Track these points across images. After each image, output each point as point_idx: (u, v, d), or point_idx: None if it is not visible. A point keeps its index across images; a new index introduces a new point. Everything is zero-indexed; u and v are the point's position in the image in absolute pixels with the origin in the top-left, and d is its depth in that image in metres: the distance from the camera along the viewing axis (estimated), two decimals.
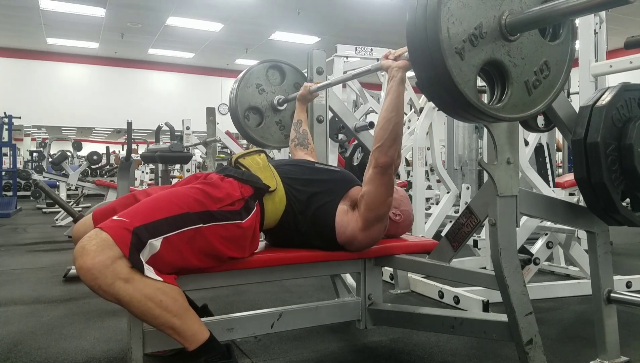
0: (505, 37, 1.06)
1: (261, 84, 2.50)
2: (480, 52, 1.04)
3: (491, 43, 1.05)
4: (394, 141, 1.45)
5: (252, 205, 1.45)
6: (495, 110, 1.08)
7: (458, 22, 1.00)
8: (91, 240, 1.18)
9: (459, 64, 1.00)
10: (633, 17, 9.41)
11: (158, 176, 8.35)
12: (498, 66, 1.08)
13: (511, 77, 1.08)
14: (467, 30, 1.02)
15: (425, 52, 1.01)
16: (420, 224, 3.06)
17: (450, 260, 1.55)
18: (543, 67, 1.13)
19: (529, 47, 1.10)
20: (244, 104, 2.47)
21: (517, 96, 1.10)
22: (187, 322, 1.26)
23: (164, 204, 1.31)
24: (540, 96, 1.14)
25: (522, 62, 1.10)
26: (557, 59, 1.15)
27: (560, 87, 1.16)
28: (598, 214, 1.51)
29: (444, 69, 0.98)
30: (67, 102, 13.03)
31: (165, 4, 9.26)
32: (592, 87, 2.13)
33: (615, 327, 1.57)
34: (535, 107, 1.13)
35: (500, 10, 1.05)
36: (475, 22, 1.03)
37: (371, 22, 10.02)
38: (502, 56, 1.07)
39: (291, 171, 1.62)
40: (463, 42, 1.01)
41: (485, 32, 1.04)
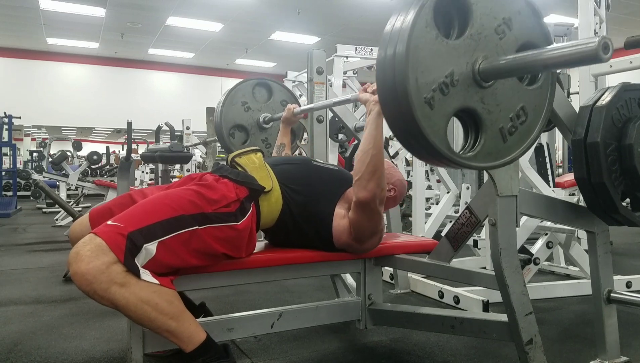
0: (479, 84, 1.00)
1: (247, 102, 2.48)
2: (452, 100, 0.98)
3: (463, 90, 0.99)
4: (372, 174, 1.41)
5: (248, 206, 1.45)
6: (467, 159, 1.02)
7: (427, 70, 0.94)
8: (85, 245, 1.17)
9: (429, 114, 0.95)
10: (633, 17, 9.41)
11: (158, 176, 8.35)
12: (471, 113, 1.02)
13: (485, 124, 1.03)
14: (438, 79, 0.96)
15: (394, 101, 0.95)
16: (420, 224, 3.06)
17: (450, 260, 1.55)
18: (520, 113, 1.07)
19: (505, 93, 1.04)
20: (229, 122, 2.46)
21: (491, 143, 1.04)
22: (183, 324, 1.26)
23: (158, 207, 1.30)
24: (516, 143, 1.08)
25: (496, 109, 1.03)
26: (536, 103, 1.09)
27: (538, 133, 1.11)
28: (598, 214, 1.51)
29: (413, 119, 0.93)
30: (67, 102, 13.02)
31: (165, 4, 9.26)
32: (592, 87, 2.13)
33: (615, 327, 1.57)
34: (510, 154, 1.08)
35: (474, 57, 0.99)
36: (447, 70, 0.96)
37: (371, 22, 10.02)
38: (475, 104, 1.01)
39: (288, 170, 1.61)
40: (433, 91, 0.95)
41: (457, 79, 0.97)
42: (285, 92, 2.56)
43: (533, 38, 1.06)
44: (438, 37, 0.96)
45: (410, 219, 3.33)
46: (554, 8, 9.02)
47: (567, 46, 0.84)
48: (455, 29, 1.00)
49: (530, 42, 1.06)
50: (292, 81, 5.80)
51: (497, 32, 1.02)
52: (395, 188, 1.74)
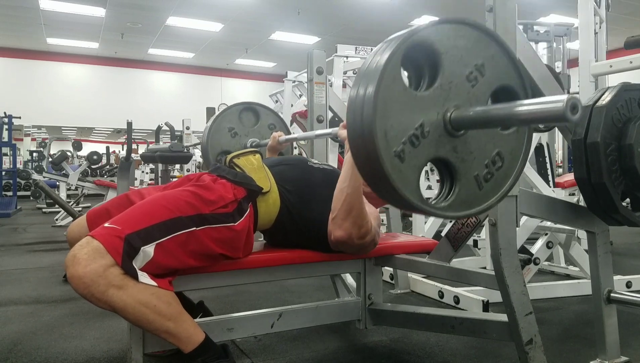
0: (451, 133, 0.96)
1: (233, 128, 2.44)
2: (423, 151, 0.94)
3: (435, 141, 0.95)
4: (347, 213, 1.39)
5: (245, 207, 1.44)
6: (442, 209, 0.99)
7: (397, 124, 0.91)
8: (82, 248, 1.17)
9: (399, 167, 0.91)
10: (633, 17, 9.41)
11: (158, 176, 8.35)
12: (444, 163, 0.99)
13: (459, 173, 0.99)
14: (408, 131, 0.92)
15: (363, 154, 0.92)
16: (420, 224, 3.06)
17: (450, 260, 1.55)
18: (495, 159, 1.03)
19: (479, 140, 1.00)
20: (216, 148, 2.43)
21: (466, 192, 1.00)
22: (181, 325, 1.26)
23: (155, 209, 1.30)
24: (492, 189, 1.04)
25: (470, 157, 1.00)
26: (512, 147, 1.05)
27: (516, 177, 1.06)
28: (598, 214, 1.51)
29: (383, 174, 0.90)
30: (67, 102, 13.03)
31: (165, 4, 9.26)
32: (592, 87, 2.13)
33: (615, 327, 1.57)
34: (487, 201, 1.03)
35: (445, 107, 0.96)
36: (417, 122, 0.93)
37: (371, 22, 10.03)
38: (448, 153, 0.97)
39: (285, 171, 1.60)
40: (403, 144, 0.92)
41: (428, 130, 0.94)
42: (273, 116, 2.53)
43: (508, 81, 1.03)
44: (407, 89, 0.93)
45: (410, 219, 3.33)
46: (554, 8, 9.03)
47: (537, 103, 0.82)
48: (426, 79, 0.97)
49: (505, 86, 1.02)
50: (292, 81, 5.81)
51: (468, 80, 0.99)
52: None
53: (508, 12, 1.27)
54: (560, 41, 4.20)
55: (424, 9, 9.46)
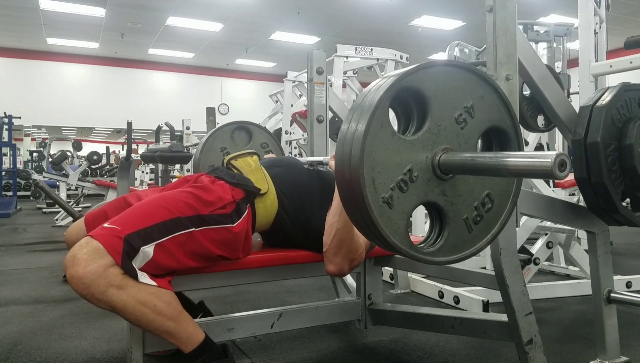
0: (440, 177, 0.96)
1: (225, 147, 2.41)
2: (411, 197, 0.94)
3: (423, 185, 0.95)
4: (338, 248, 1.39)
5: (244, 208, 1.44)
6: (430, 254, 0.98)
7: (385, 170, 0.91)
8: (82, 248, 1.17)
9: (388, 214, 0.91)
10: (633, 17, 9.41)
11: (158, 176, 8.35)
12: (433, 206, 0.99)
13: (448, 216, 0.98)
14: (396, 177, 0.92)
15: (352, 201, 0.92)
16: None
17: None
18: (485, 201, 1.02)
19: (468, 183, 1.00)
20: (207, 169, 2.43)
21: (455, 235, 1.00)
22: (181, 324, 1.26)
23: (154, 209, 1.30)
24: (482, 231, 1.03)
25: (459, 200, 0.99)
26: (502, 188, 1.05)
27: (506, 218, 1.05)
28: (598, 214, 1.51)
29: (371, 222, 0.90)
30: (67, 102, 13.02)
31: (165, 4, 9.25)
32: (592, 87, 2.13)
33: (615, 327, 1.57)
34: (477, 244, 1.03)
35: (433, 150, 0.95)
36: (405, 167, 0.93)
37: (371, 22, 10.02)
38: (436, 197, 0.97)
39: (278, 173, 1.59)
40: (391, 190, 0.91)
41: (417, 175, 0.94)
42: (266, 135, 2.51)
43: (498, 122, 1.02)
44: (394, 135, 0.92)
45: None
46: (554, 8, 9.03)
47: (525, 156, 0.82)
48: (414, 123, 0.97)
49: (495, 127, 1.02)
50: (292, 81, 5.80)
51: (458, 122, 0.98)
52: None
53: (508, 12, 1.27)
54: (560, 41, 4.19)
55: (424, 9, 9.46)
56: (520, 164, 0.82)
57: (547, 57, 4.08)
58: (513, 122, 1.04)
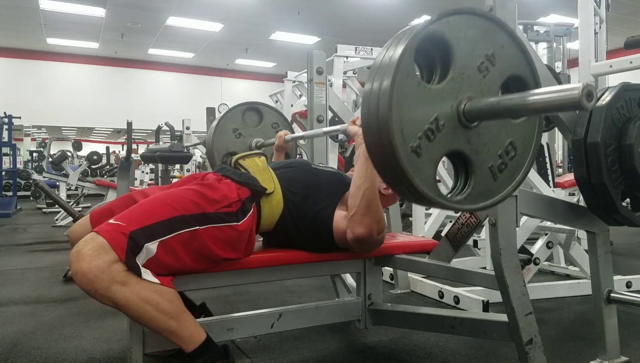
0: (465, 125, 0.98)
1: (237, 128, 2.42)
2: (438, 145, 0.96)
3: (450, 134, 0.97)
4: (367, 208, 1.40)
5: (249, 207, 1.44)
6: (458, 202, 1.00)
7: (412, 119, 0.92)
8: (87, 244, 1.17)
9: (416, 163, 0.93)
10: (633, 17, 9.41)
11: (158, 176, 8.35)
12: (459, 155, 1.00)
13: (473, 165, 1.00)
14: (423, 126, 0.93)
15: (380, 151, 0.94)
16: (420, 224, 3.06)
17: (450, 260, 1.55)
18: (509, 149, 1.05)
19: (492, 131, 1.02)
20: (221, 151, 2.41)
21: (481, 184, 1.02)
22: (183, 323, 1.26)
23: (160, 206, 1.30)
24: (507, 179, 1.05)
25: (484, 148, 1.01)
26: (524, 137, 1.07)
27: (529, 166, 1.08)
28: (598, 214, 1.51)
29: (401, 170, 0.91)
30: (67, 102, 13.02)
31: (165, 4, 9.26)
32: None
33: (615, 327, 1.57)
34: (502, 192, 1.05)
35: (458, 98, 0.97)
36: (431, 116, 0.94)
37: (371, 22, 10.02)
38: (462, 146, 0.98)
39: (288, 173, 1.61)
40: (419, 139, 0.93)
41: (443, 124, 0.95)
42: (276, 115, 2.52)
43: (518, 71, 1.04)
44: (420, 84, 0.94)
45: (410, 220, 3.33)
46: (554, 8, 9.03)
47: (551, 91, 0.82)
48: (438, 72, 0.98)
49: (515, 76, 1.03)
50: (292, 81, 5.80)
51: (480, 70, 0.99)
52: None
53: (508, 12, 1.28)
54: (560, 41, 4.20)
55: (424, 9, 9.46)
56: (548, 99, 0.83)
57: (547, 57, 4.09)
58: (532, 72, 1.06)
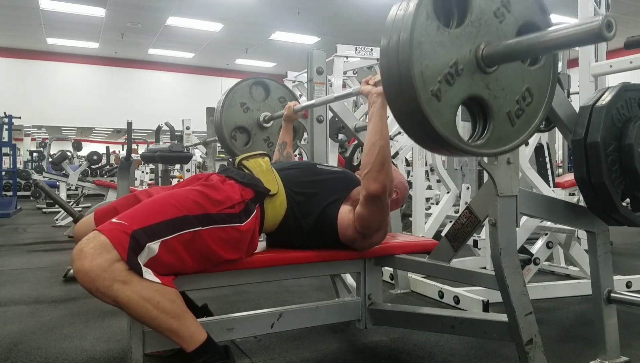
0: (483, 70, 1.01)
1: (245, 103, 2.45)
2: (458, 89, 0.98)
3: (468, 78, 0.99)
4: (381, 165, 1.42)
5: (252, 208, 1.45)
6: (478, 147, 1.03)
7: (432, 62, 0.94)
8: (89, 242, 1.18)
9: (436, 106, 0.95)
10: (633, 17, 9.41)
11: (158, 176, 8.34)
12: (477, 100, 1.03)
13: (492, 110, 1.03)
14: (443, 70, 0.96)
15: (400, 96, 0.96)
16: (420, 224, 3.06)
17: (450, 260, 1.55)
18: (525, 95, 1.08)
19: (509, 76, 1.05)
20: (230, 124, 2.44)
21: (500, 129, 1.05)
22: (184, 323, 1.26)
23: (163, 206, 1.31)
24: (524, 125, 1.09)
25: (502, 93, 1.04)
26: (540, 83, 1.10)
27: (545, 113, 1.11)
28: (598, 214, 1.51)
29: (421, 113, 0.93)
30: (67, 102, 13.02)
31: (165, 4, 9.25)
32: (592, 87, 2.13)
33: (615, 327, 1.57)
34: (519, 137, 1.08)
35: (476, 43, 0.99)
36: (451, 60, 0.97)
37: (371, 22, 10.02)
38: (481, 90, 1.01)
39: (293, 174, 1.62)
40: (439, 83, 0.95)
41: (462, 68, 0.98)
42: (283, 90, 2.55)
43: (532, 18, 1.06)
44: (439, 27, 0.96)
45: (410, 220, 3.33)
46: (554, 8, 9.01)
47: (571, 26, 0.84)
48: (455, 17, 1.00)
49: (530, 22, 1.06)
50: (292, 81, 5.80)
51: (496, 16, 1.02)
52: (397, 191, 1.75)
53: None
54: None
55: None
56: (568, 33, 0.85)
57: None
58: (546, 18, 1.08)
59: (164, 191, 1.47)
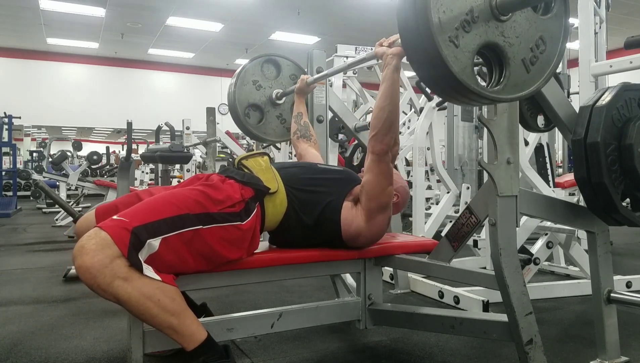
0: (497, 17, 1.05)
1: (257, 80, 2.48)
2: (474, 37, 1.03)
3: (484, 26, 1.04)
4: (389, 128, 1.46)
5: (253, 207, 1.45)
6: (496, 92, 1.07)
7: (449, 10, 0.99)
8: (90, 239, 1.18)
9: (454, 52, 0.99)
10: (633, 17, 9.41)
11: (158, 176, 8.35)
12: (494, 48, 1.07)
13: (508, 57, 1.08)
14: (459, 17, 1.00)
15: (419, 43, 1.00)
16: (420, 224, 3.06)
17: (450, 260, 1.55)
18: (539, 43, 1.12)
19: (523, 25, 1.10)
20: (243, 102, 2.46)
21: (516, 75, 1.10)
22: (185, 321, 1.26)
23: (164, 205, 1.31)
24: (538, 72, 1.13)
25: (517, 41, 1.09)
26: (552, 32, 1.14)
27: (558, 61, 1.15)
28: (598, 214, 1.50)
29: (440, 59, 0.97)
30: (67, 102, 13.02)
31: (165, 4, 9.26)
32: (592, 87, 2.13)
33: (615, 327, 1.57)
34: (534, 84, 1.12)
35: None
36: (466, 8, 1.01)
37: (371, 22, 10.02)
38: (497, 38, 1.06)
39: (294, 172, 1.63)
40: (456, 30, 1.00)
41: (477, 16, 1.02)
42: (294, 66, 2.55)
43: None
44: None
45: (410, 219, 3.34)
46: None
47: None
48: None
49: None
50: None
51: None
52: (398, 194, 1.76)
53: None
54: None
55: None
56: None
57: None
58: None
59: (165, 191, 1.47)
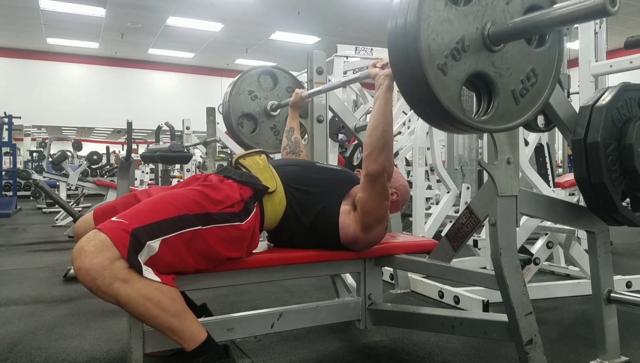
0: (489, 48, 1.03)
1: (253, 91, 2.48)
2: (464, 65, 1.01)
3: (474, 55, 1.02)
4: (382, 148, 1.44)
5: (252, 207, 1.45)
6: (482, 123, 1.06)
7: (439, 37, 0.97)
8: (90, 241, 1.18)
9: (442, 80, 0.98)
10: (633, 17, 9.41)
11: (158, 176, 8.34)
12: (483, 77, 1.05)
13: (497, 87, 1.06)
14: (449, 45, 0.99)
15: (407, 68, 0.98)
16: (420, 224, 3.06)
17: (450, 260, 1.55)
18: (530, 75, 1.10)
19: (515, 56, 1.08)
20: (237, 111, 2.46)
21: (504, 106, 1.08)
22: (185, 322, 1.26)
23: (163, 205, 1.31)
24: (527, 105, 1.11)
25: (507, 72, 1.07)
26: (544, 65, 1.13)
27: (549, 93, 1.14)
28: (598, 214, 1.50)
29: (427, 86, 0.96)
30: (67, 102, 13.02)
31: (165, 4, 9.26)
32: (592, 87, 2.13)
33: (615, 327, 1.57)
34: (523, 116, 1.11)
35: (483, 22, 1.02)
36: (457, 36, 1.00)
37: (371, 22, 10.02)
38: (487, 68, 1.04)
39: (292, 171, 1.62)
40: (445, 58, 0.98)
41: (468, 45, 1.01)
42: (290, 79, 2.57)
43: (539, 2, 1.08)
44: (447, 4, 0.99)
45: (410, 219, 3.33)
46: None
47: (575, 3, 0.87)
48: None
49: (536, 5, 1.08)
50: None
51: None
52: (398, 193, 1.76)
53: None
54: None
55: None
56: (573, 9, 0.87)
57: None
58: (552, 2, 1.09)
59: (163, 191, 1.47)
